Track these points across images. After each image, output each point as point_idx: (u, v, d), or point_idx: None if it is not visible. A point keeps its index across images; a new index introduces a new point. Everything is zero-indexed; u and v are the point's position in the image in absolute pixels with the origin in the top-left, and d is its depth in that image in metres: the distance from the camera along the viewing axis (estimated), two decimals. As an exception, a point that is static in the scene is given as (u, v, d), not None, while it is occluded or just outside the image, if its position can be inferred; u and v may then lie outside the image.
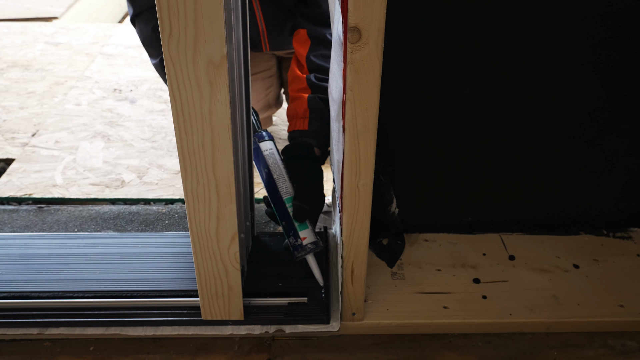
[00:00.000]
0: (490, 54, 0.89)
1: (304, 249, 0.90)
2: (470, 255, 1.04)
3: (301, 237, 0.90)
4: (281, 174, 0.93)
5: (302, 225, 0.91)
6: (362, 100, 0.66)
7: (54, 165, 1.47)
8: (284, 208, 0.91)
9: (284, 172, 0.93)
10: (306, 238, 0.91)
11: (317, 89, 1.02)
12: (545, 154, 1.01)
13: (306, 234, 0.91)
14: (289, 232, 0.91)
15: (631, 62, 0.90)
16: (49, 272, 0.97)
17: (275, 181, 0.92)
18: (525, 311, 0.92)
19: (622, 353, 0.89)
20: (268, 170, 0.93)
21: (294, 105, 1.04)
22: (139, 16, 1.21)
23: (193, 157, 0.70)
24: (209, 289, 0.85)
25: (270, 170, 0.93)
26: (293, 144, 1.00)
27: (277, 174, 0.92)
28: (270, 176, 0.92)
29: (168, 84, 0.64)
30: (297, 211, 0.90)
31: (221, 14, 0.59)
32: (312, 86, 1.03)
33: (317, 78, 1.03)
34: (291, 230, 0.91)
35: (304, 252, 0.91)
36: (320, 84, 1.02)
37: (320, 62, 1.04)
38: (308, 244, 0.91)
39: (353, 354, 0.89)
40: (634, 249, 1.05)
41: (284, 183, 0.92)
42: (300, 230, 0.91)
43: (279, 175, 0.92)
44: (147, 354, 0.89)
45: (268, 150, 0.94)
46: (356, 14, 0.59)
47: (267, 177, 0.93)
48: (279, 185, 0.92)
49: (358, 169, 0.72)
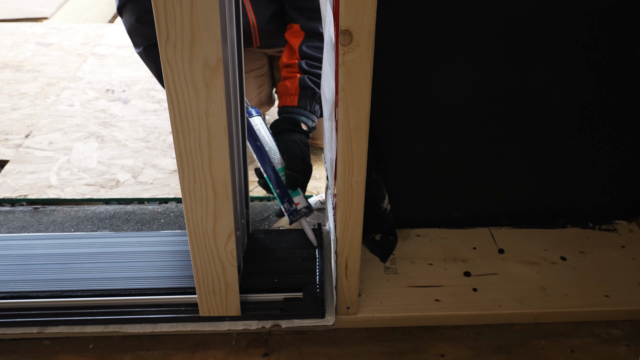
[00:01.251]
0: (478, 53, 0.92)
1: (299, 212, 0.99)
2: (461, 249, 1.07)
3: (295, 202, 0.99)
4: (272, 147, 1.00)
5: (294, 192, 0.99)
6: (354, 101, 0.68)
7: (48, 166, 1.47)
8: (278, 177, 0.99)
9: (274, 145, 1.01)
10: (299, 203, 0.99)
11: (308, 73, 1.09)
12: (533, 150, 1.03)
13: (299, 199, 0.99)
14: (283, 199, 0.99)
15: (616, 60, 0.93)
16: (47, 272, 0.98)
17: (267, 153, 0.99)
18: (514, 302, 0.95)
19: (608, 341, 0.92)
20: (260, 143, 1.00)
21: (287, 83, 1.10)
22: (124, 7, 1.25)
23: (190, 157, 0.72)
24: (206, 286, 0.86)
25: (262, 143, 1.00)
26: (282, 119, 1.07)
27: (268, 147, 1.00)
28: (262, 149, 0.99)
29: (165, 87, 0.65)
30: (290, 180, 0.98)
31: (217, 18, 0.61)
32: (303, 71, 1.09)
33: (309, 64, 1.09)
34: (285, 197, 0.99)
35: (299, 216, 0.99)
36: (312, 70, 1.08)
37: (312, 52, 1.11)
38: (302, 208, 1.00)
39: (348, 347, 0.91)
40: (619, 241, 1.08)
41: (275, 155, 1.00)
42: (294, 197, 0.99)
43: (270, 148, 1.00)
44: (146, 351, 0.90)
45: (258, 125, 1.01)
46: (347, 18, 0.61)
47: (259, 150, 1.00)
48: (271, 156, 0.99)
49: (351, 167, 0.74)
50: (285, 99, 1.09)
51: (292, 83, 1.09)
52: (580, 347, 0.91)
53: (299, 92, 1.08)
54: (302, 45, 1.11)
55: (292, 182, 0.98)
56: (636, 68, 0.94)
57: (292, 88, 1.08)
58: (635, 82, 0.95)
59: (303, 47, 1.11)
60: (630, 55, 0.92)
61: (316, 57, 1.09)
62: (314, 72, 1.09)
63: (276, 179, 0.99)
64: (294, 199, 0.99)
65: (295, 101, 1.08)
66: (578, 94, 0.97)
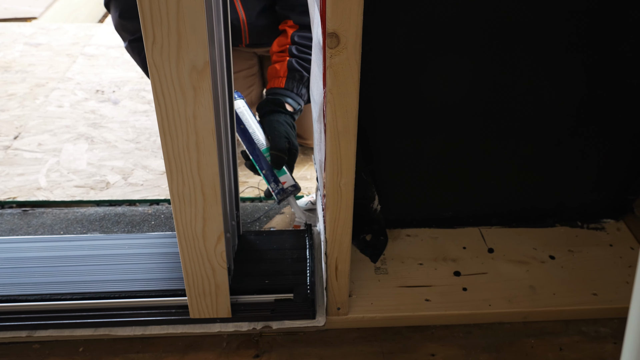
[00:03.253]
0: (467, 54, 0.92)
1: (286, 191, 1.01)
2: (451, 248, 1.07)
3: (281, 181, 1.00)
4: (256, 128, 1.02)
5: (280, 172, 1.01)
6: (341, 103, 0.68)
7: (37, 168, 1.46)
8: (263, 158, 1.00)
9: (258, 127, 1.02)
10: (286, 182, 1.01)
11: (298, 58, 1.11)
12: (522, 150, 1.04)
13: (285, 178, 1.01)
14: (269, 180, 1.01)
15: (602, 60, 0.94)
16: (36, 275, 0.98)
17: (251, 135, 1.01)
18: (503, 302, 0.96)
19: (596, 339, 0.93)
20: (243, 126, 1.01)
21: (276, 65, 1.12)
22: (110, 4, 1.27)
23: (178, 160, 0.71)
24: (196, 288, 0.86)
25: (245, 126, 1.01)
26: (267, 100, 1.08)
27: (252, 129, 1.01)
28: (246, 131, 1.01)
29: (152, 89, 0.65)
30: (275, 159, 0.99)
31: (203, 21, 0.61)
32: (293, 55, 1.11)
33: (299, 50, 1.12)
34: (272, 177, 1.00)
35: (286, 195, 1.00)
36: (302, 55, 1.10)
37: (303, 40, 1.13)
38: (289, 187, 1.01)
39: (339, 348, 0.91)
40: (607, 239, 1.09)
41: (260, 136, 1.01)
42: (280, 176, 1.00)
43: (254, 130, 1.01)
44: (137, 353, 0.90)
45: (241, 108, 1.03)
46: (334, 21, 0.61)
47: (243, 132, 1.01)
48: (255, 138, 1.01)
49: (339, 169, 0.74)
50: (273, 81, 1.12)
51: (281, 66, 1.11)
52: (568, 345, 0.92)
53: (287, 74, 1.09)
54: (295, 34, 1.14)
55: (277, 161, 0.99)
56: (623, 68, 0.95)
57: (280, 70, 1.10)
58: (622, 82, 0.96)
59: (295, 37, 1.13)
60: (616, 55, 0.93)
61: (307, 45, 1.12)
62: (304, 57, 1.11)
63: (262, 161, 1.00)
64: (280, 178, 1.01)
65: (282, 83, 1.10)
66: (566, 94, 0.98)
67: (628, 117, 1.00)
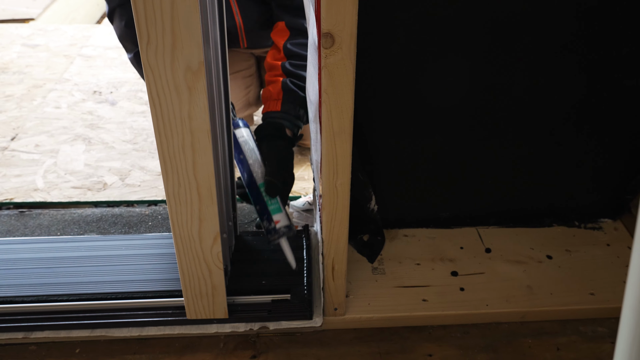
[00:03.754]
0: (465, 54, 0.92)
1: (277, 232, 0.92)
2: (448, 249, 1.07)
3: (274, 220, 0.92)
4: (256, 160, 0.95)
5: (275, 209, 0.93)
6: (337, 103, 0.68)
7: (34, 169, 1.46)
8: (258, 192, 0.94)
9: (258, 158, 0.96)
10: (279, 222, 0.91)
11: (292, 75, 1.06)
12: (519, 150, 1.04)
13: (279, 217, 0.92)
14: (262, 216, 0.93)
15: (600, 61, 0.94)
16: (32, 276, 0.97)
17: (250, 166, 0.95)
18: (501, 301, 0.96)
19: (593, 339, 0.93)
20: (243, 156, 0.96)
21: (269, 87, 1.07)
22: (114, 12, 1.24)
23: (174, 161, 0.71)
24: (193, 289, 0.86)
25: (245, 157, 0.96)
26: (265, 124, 1.04)
27: (252, 160, 0.95)
28: (245, 162, 0.95)
29: (147, 90, 0.65)
30: (269, 186, 0.92)
31: (198, 21, 0.61)
32: (287, 73, 1.06)
33: (292, 65, 1.06)
34: (265, 214, 0.93)
35: (277, 236, 0.92)
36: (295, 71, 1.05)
37: (297, 49, 1.07)
38: (282, 227, 0.91)
39: (336, 348, 0.91)
40: (604, 239, 1.09)
41: (259, 168, 0.95)
42: (274, 214, 0.92)
43: (254, 161, 0.95)
44: (133, 355, 0.90)
45: (243, 137, 0.97)
46: (329, 21, 0.61)
47: (243, 162, 0.96)
48: (254, 170, 0.95)
49: (335, 169, 0.74)
50: (268, 105, 1.06)
51: (274, 87, 1.06)
52: (565, 345, 0.92)
53: (282, 96, 1.04)
54: (287, 43, 1.09)
55: (271, 188, 0.92)
56: (620, 68, 0.95)
57: (274, 92, 1.05)
58: (619, 82, 0.96)
59: (287, 45, 1.08)
60: (613, 55, 0.93)
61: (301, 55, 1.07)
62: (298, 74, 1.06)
63: (257, 195, 0.93)
64: (273, 216, 0.92)
65: (278, 106, 1.04)
66: (563, 95, 0.98)
67: (625, 117, 1.00)
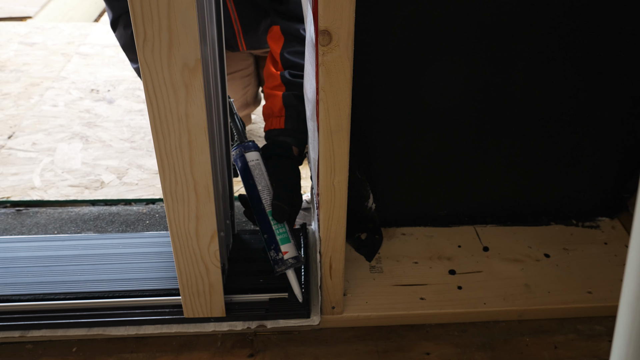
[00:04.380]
0: (462, 52, 0.92)
1: (285, 263, 0.89)
2: (446, 247, 1.07)
3: (282, 250, 0.89)
4: (266, 186, 0.91)
5: (284, 239, 0.89)
6: (334, 101, 0.68)
7: (31, 167, 1.46)
8: (267, 221, 0.90)
9: (268, 184, 0.91)
10: (287, 252, 0.89)
11: (292, 85, 1.02)
12: (516, 149, 1.04)
13: (288, 248, 0.89)
14: (270, 246, 0.90)
15: (596, 60, 0.94)
16: (29, 274, 0.97)
17: (259, 193, 0.90)
18: (498, 300, 0.96)
19: (591, 337, 0.93)
20: (252, 181, 0.91)
21: (269, 104, 1.03)
22: (118, 20, 1.20)
23: (171, 159, 0.71)
24: (190, 287, 0.86)
25: (255, 182, 0.91)
26: (271, 143, 1.00)
27: (262, 186, 0.91)
28: (254, 188, 0.91)
29: (144, 88, 0.65)
30: (277, 210, 0.89)
31: (194, 18, 0.60)
32: (287, 83, 1.02)
33: (292, 74, 1.02)
34: (272, 244, 0.89)
35: (285, 267, 0.89)
36: (295, 80, 1.01)
37: (295, 58, 1.04)
38: (289, 258, 0.89)
39: (333, 347, 0.91)
40: (602, 238, 1.10)
41: (268, 195, 0.91)
42: (282, 244, 0.89)
43: (264, 187, 0.91)
44: (131, 353, 0.90)
45: (254, 161, 0.93)
46: (326, 18, 0.61)
47: (252, 188, 0.91)
48: (263, 197, 0.90)
49: (333, 167, 0.74)
50: (271, 122, 1.01)
51: (275, 104, 1.01)
52: (563, 343, 0.92)
53: (285, 112, 0.99)
54: (284, 51, 1.05)
55: (279, 213, 0.88)
56: (617, 66, 0.95)
57: (276, 110, 1.00)
58: (616, 80, 0.96)
59: (285, 54, 1.04)
60: (611, 53, 0.93)
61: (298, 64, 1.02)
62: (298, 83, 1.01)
63: (266, 223, 0.90)
64: (281, 247, 0.88)
65: (282, 123, 0.99)
66: (560, 93, 0.98)
67: (622, 115, 1.00)
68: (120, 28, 1.21)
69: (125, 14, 1.19)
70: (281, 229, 0.90)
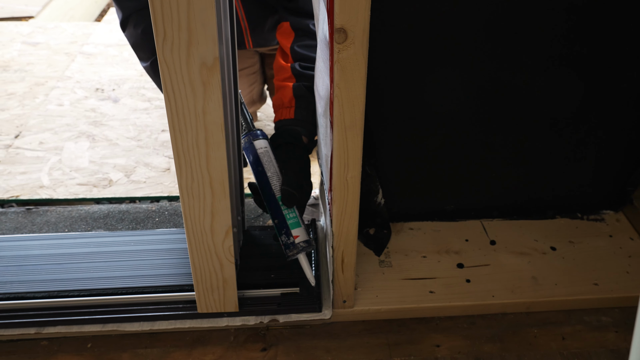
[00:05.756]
0: (468, 51, 0.93)
1: (296, 247, 0.89)
2: (453, 241, 1.08)
3: (293, 235, 0.90)
4: (275, 172, 0.92)
5: (294, 224, 0.90)
6: (349, 97, 0.69)
7: (39, 166, 1.47)
8: (277, 206, 0.91)
9: (277, 171, 0.93)
10: (299, 236, 0.89)
11: (302, 77, 1.02)
12: (521, 144, 1.05)
13: (299, 232, 0.90)
14: (281, 230, 0.91)
15: (600, 55, 0.95)
16: (43, 272, 0.98)
17: (269, 179, 0.92)
18: (506, 292, 0.97)
19: (597, 328, 0.95)
20: (262, 168, 0.92)
21: (280, 95, 1.03)
22: (128, 19, 1.20)
23: (187, 155, 0.72)
24: (204, 283, 0.87)
25: (264, 169, 0.92)
26: (281, 132, 1.00)
27: (271, 172, 0.92)
28: (264, 174, 0.92)
29: (162, 86, 0.66)
30: (286, 196, 0.89)
31: (213, 18, 0.62)
32: (297, 74, 1.03)
33: (302, 66, 1.03)
34: (283, 228, 0.90)
35: (296, 251, 0.89)
36: (305, 72, 1.02)
37: (305, 51, 1.05)
38: (300, 242, 0.89)
39: (345, 340, 0.93)
40: (607, 230, 1.11)
41: (278, 181, 0.92)
42: (293, 229, 0.90)
43: (273, 174, 0.92)
44: (145, 349, 0.91)
45: (262, 148, 0.94)
46: (342, 16, 0.62)
47: (261, 175, 0.92)
48: (272, 183, 0.92)
49: (346, 163, 0.75)
50: (281, 113, 1.02)
51: (285, 94, 1.02)
52: (570, 335, 0.94)
53: (295, 103, 1.00)
54: (294, 45, 1.06)
55: (288, 198, 0.89)
56: (620, 60, 0.96)
57: (286, 100, 1.01)
58: (620, 74, 0.97)
59: (295, 47, 1.05)
60: (614, 47, 0.94)
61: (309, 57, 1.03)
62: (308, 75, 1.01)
63: (276, 208, 0.91)
64: (292, 231, 0.89)
65: (292, 113, 1.00)
66: (564, 88, 0.99)
67: (626, 109, 1.02)
68: (130, 27, 1.21)
69: (135, 14, 1.19)
70: (291, 214, 0.91)
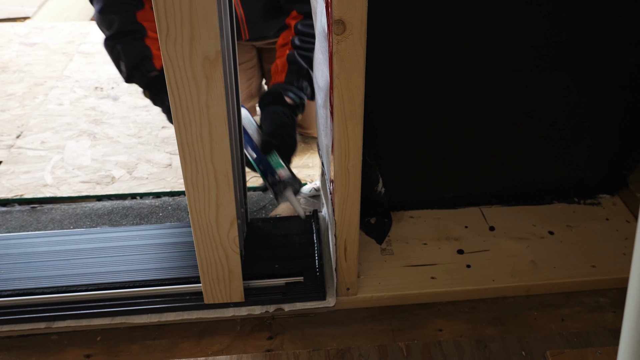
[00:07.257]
0: (465, 41, 0.94)
1: (282, 182, 0.97)
2: (453, 228, 1.10)
3: (278, 173, 0.97)
4: (255, 129, 1.02)
5: (278, 164, 0.98)
6: (348, 87, 0.70)
7: (42, 165, 1.48)
8: (260, 155, 0.99)
9: (257, 128, 1.02)
10: (283, 174, 0.97)
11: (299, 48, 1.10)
12: (518, 131, 1.07)
13: (282, 171, 0.98)
14: (266, 173, 0.99)
15: (596, 40, 0.96)
16: (50, 268, 1.00)
17: (250, 136, 1.00)
18: (506, 277, 0.99)
19: (596, 309, 0.97)
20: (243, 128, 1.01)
21: (277, 61, 1.11)
22: None
23: (192, 149, 0.74)
24: (210, 274, 0.89)
25: (245, 129, 1.01)
26: (267, 92, 1.08)
27: (252, 130, 1.01)
28: (245, 133, 1.01)
29: (166, 80, 0.67)
30: (264, 144, 0.98)
31: (215, 13, 0.63)
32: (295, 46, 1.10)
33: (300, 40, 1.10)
34: (268, 171, 0.98)
35: (282, 186, 0.97)
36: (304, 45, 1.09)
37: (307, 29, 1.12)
38: (286, 178, 0.97)
39: (349, 327, 0.94)
40: (603, 214, 1.13)
41: (259, 136, 1.01)
42: (277, 168, 0.98)
43: (254, 131, 1.01)
44: (153, 340, 0.93)
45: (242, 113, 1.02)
46: (340, 8, 0.63)
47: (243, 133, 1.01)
48: (254, 138, 1.00)
49: (347, 152, 0.77)
50: (274, 77, 1.10)
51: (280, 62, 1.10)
52: (570, 316, 0.95)
53: (287, 68, 1.08)
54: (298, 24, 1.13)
55: (266, 146, 0.98)
56: (615, 46, 0.97)
57: (280, 65, 1.09)
58: (615, 60, 0.99)
59: (298, 26, 1.12)
60: (609, 32, 0.96)
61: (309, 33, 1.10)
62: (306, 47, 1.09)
63: (258, 157, 0.99)
64: (277, 170, 0.98)
65: (282, 77, 1.08)
66: (560, 74, 1.00)
67: (621, 93, 1.03)
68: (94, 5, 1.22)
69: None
70: (274, 158, 1.00)
